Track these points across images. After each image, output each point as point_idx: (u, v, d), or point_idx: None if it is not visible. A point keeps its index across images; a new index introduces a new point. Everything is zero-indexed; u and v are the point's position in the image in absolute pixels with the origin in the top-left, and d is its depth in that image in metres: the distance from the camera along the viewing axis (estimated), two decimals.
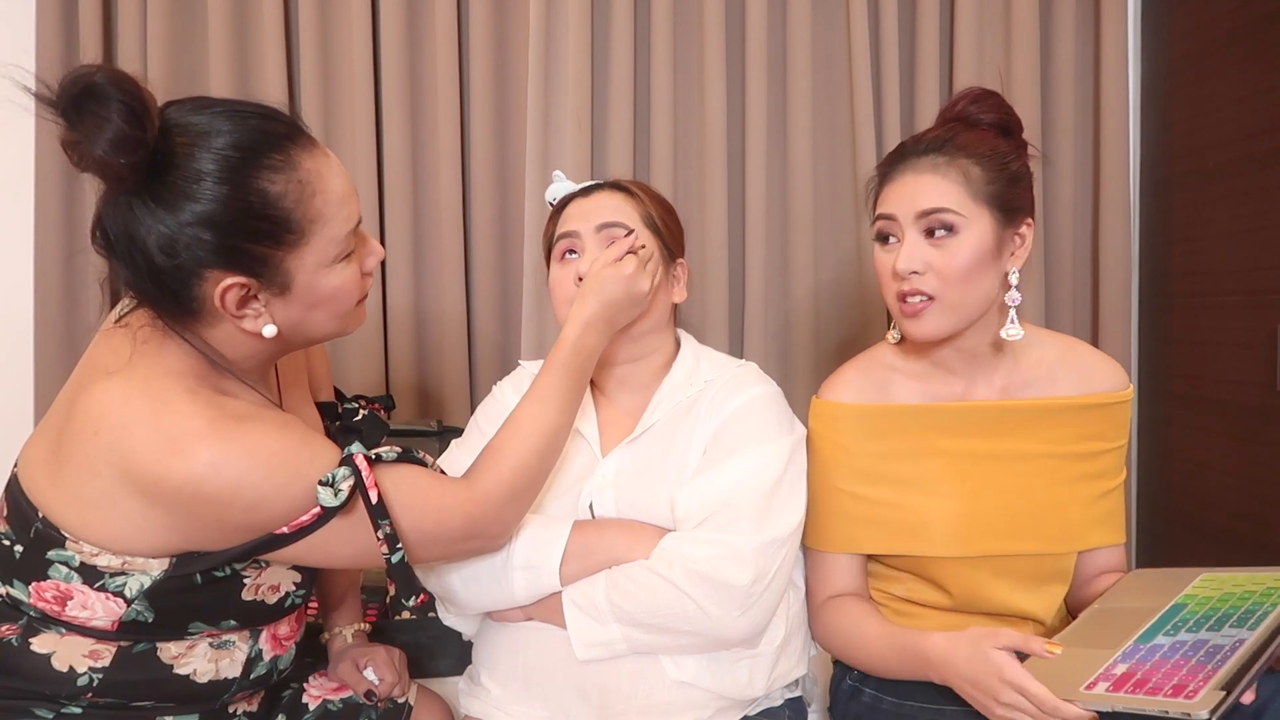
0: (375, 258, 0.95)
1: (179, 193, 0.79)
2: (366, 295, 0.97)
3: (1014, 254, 1.08)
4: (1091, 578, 1.17)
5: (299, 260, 0.85)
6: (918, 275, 1.05)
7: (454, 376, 1.80)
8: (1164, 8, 1.85)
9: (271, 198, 0.82)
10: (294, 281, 0.86)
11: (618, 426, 1.15)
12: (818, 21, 1.83)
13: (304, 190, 0.83)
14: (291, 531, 0.85)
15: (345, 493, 0.85)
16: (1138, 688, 0.85)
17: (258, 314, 0.87)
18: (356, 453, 0.87)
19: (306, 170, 0.84)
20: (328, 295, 0.89)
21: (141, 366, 0.86)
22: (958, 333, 1.09)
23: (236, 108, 0.84)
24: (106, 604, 0.85)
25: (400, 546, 0.89)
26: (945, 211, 1.04)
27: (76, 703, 0.88)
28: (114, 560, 0.85)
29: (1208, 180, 1.71)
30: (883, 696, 1.12)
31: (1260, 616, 0.92)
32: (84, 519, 0.84)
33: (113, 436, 0.81)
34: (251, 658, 0.95)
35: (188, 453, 0.80)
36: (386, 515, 0.87)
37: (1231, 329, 1.65)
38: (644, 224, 1.14)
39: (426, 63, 1.79)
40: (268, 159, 0.82)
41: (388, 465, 0.90)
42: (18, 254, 1.73)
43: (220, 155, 0.80)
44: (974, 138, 1.07)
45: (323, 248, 0.86)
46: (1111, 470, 1.15)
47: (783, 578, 1.04)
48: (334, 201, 0.86)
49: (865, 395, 1.14)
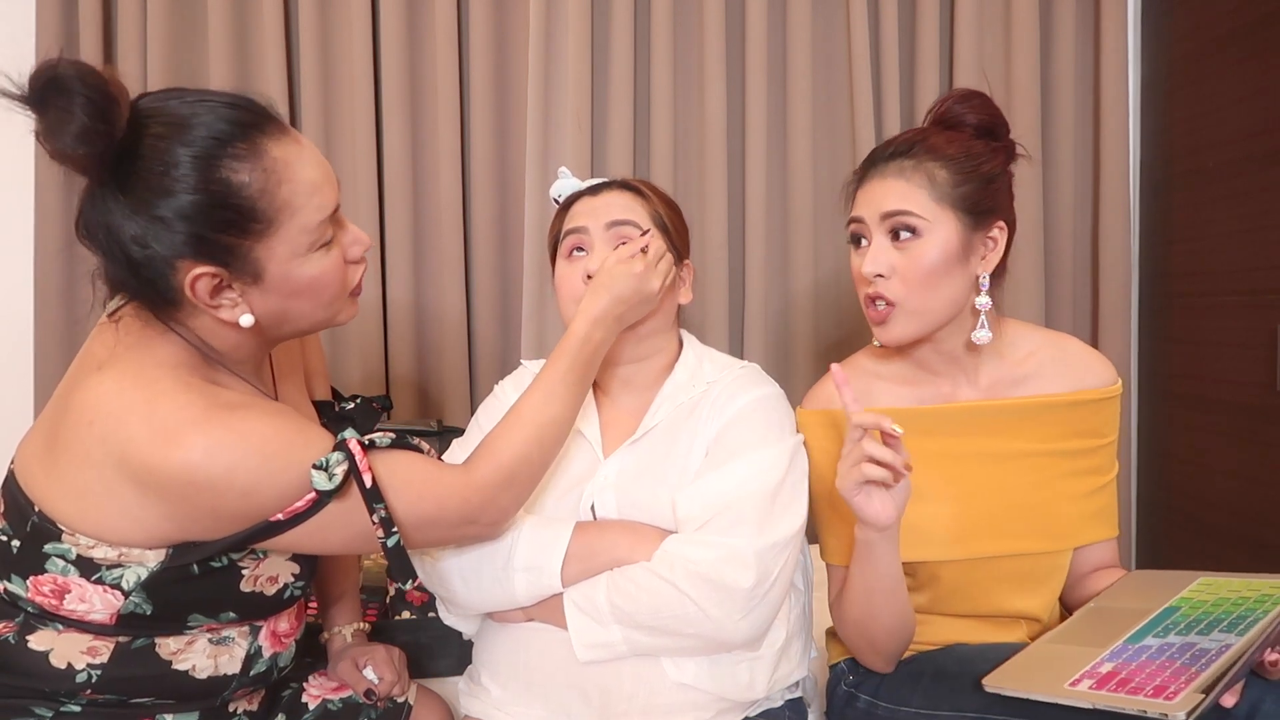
0: (359, 246, 0.94)
1: (146, 184, 0.80)
2: (358, 285, 0.96)
3: (984, 257, 1.08)
4: (1086, 574, 1.17)
5: (269, 249, 0.85)
6: (882, 279, 1.06)
7: (454, 376, 1.80)
8: (1164, 8, 1.85)
9: (236, 187, 0.81)
10: (266, 271, 0.85)
11: (620, 427, 1.15)
12: (818, 21, 1.83)
13: (269, 179, 0.83)
14: (287, 518, 0.85)
15: (339, 477, 0.85)
16: (1120, 686, 0.86)
17: (233, 304, 0.87)
18: (350, 438, 0.87)
19: (273, 159, 0.83)
20: (305, 284, 0.88)
21: (134, 358, 0.86)
22: (927, 336, 1.09)
23: (206, 97, 0.83)
24: (104, 596, 0.86)
25: (396, 530, 0.88)
26: (907, 214, 1.04)
27: (75, 700, 0.88)
28: (110, 552, 0.85)
29: (1208, 180, 1.71)
30: (878, 702, 1.11)
31: (1251, 623, 0.92)
32: (80, 510, 0.84)
33: (108, 427, 0.82)
34: (251, 654, 0.95)
35: (182, 441, 0.80)
36: (381, 499, 0.87)
37: (1231, 329, 1.65)
38: (653, 223, 1.14)
39: (426, 63, 1.79)
40: (233, 148, 0.81)
41: (382, 450, 0.90)
42: (18, 253, 1.73)
43: (185, 145, 0.80)
44: (944, 140, 1.07)
45: (294, 236, 0.85)
46: (1104, 466, 1.15)
47: (785, 580, 1.04)
48: (303, 190, 0.85)
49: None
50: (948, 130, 1.10)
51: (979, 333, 1.08)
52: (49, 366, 1.69)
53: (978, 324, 1.08)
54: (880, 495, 0.97)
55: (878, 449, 0.94)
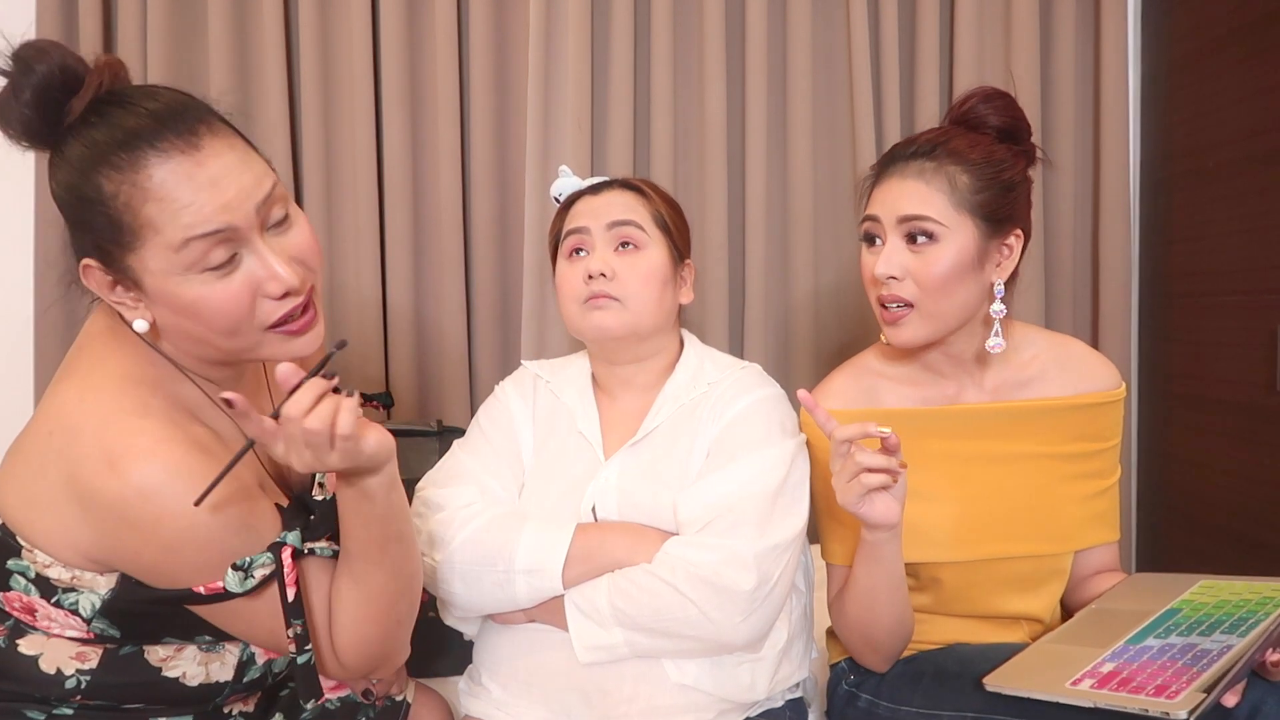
0: (275, 283, 0.84)
1: (55, 170, 0.83)
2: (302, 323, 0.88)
3: (999, 265, 1.07)
4: (1087, 576, 1.17)
5: (140, 261, 0.82)
6: (896, 281, 1.05)
7: (454, 376, 1.80)
8: (1164, 8, 1.85)
9: (105, 196, 0.80)
10: (143, 281, 0.83)
11: (621, 428, 1.15)
12: (818, 21, 1.83)
13: (136, 195, 0.80)
14: (208, 594, 0.82)
15: (256, 581, 0.82)
16: (1122, 686, 0.86)
17: (132, 304, 0.85)
18: (286, 544, 0.84)
19: (148, 176, 0.80)
20: (187, 305, 0.83)
21: (101, 368, 0.85)
22: (939, 340, 1.09)
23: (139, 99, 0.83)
24: (66, 620, 0.85)
25: (309, 647, 0.84)
26: (925, 220, 1.03)
27: (67, 705, 0.87)
28: (64, 573, 0.83)
29: (1208, 180, 1.71)
30: (879, 701, 1.11)
31: (1252, 624, 0.92)
32: (29, 519, 0.83)
33: (64, 440, 0.81)
34: (244, 661, 0.94)
35: (122, 470, 0.79)
36: (301, 614, 0.83)
37: (1231, 329, 1.65)
38: (654, 223, 1.14)
39: (426, 63, 1.79)
40: (115, 157, 0.80)
41: (318, 559, 0.87)
42: (18, 253, 1.73)
43: (84, 143, 0.81)
44: (968, 143, 1.06)
45: (161, 254, 0.81)
46: (1106, 469, 1.15)
47: (786, 582, 1.03)
48: (170, 210, 0.80)
49: (854, 402, 1.13)
50: (970, 132, 1.08)
51: (993, 340, 1.07)
52: (49, 366, 1.69)
53: (991, 332, 1.07)
54: (883, 498, 0.97)
55: (870, 458, 0.94)
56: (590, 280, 1.10)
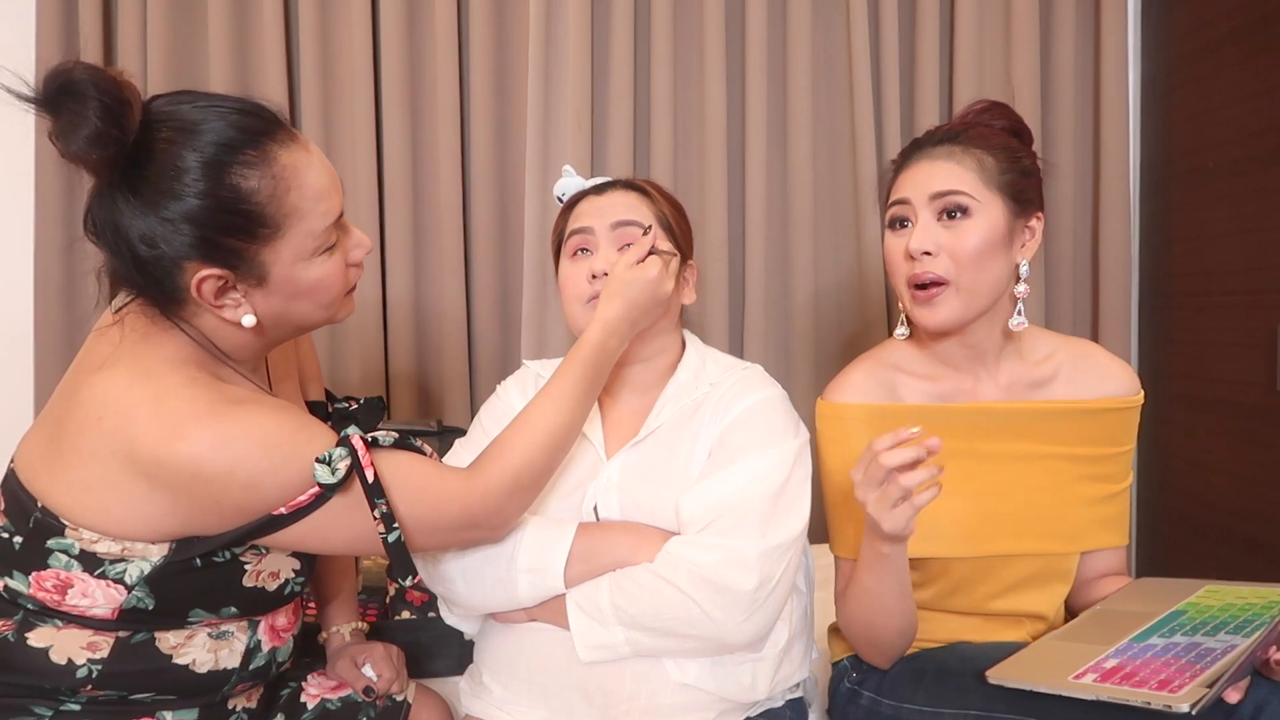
0: (361, 250, 0.96)
1: (157, 187, 0.81)
2: (354, 285, 0.98)
3: (1024, 245, 1.10)
4: (1092, 580, 1.17)
5: (275, 254, 0.86)
6: (930, 256, 1.05)
7: (454, 376, 1.80)
8: (1164, 8, 1.85)
9: (245, 193, 0.83)
10: (270, 274, 0.87)
11: (623, 428, 1.15)
12: (818, 21, 1.83)
13: (278, 186, 0.84)
14: (289, 512, 0.86)
15: (342, 471, 0.86)
16: (1124, 681, 0.86)
17: (236, 304, 0.88)
18: (353, 434, 0.89)
19: (282, 165, 0.85)
20: (308, 287, 0.90)
21: (141, 355, 0.87)
22: (968, 322, 1.09)
23: (217, 102, 0.85)
24: (107, 591, 0.86)
25: (397, 526, 0.90)
26: (959, 194, 1.05)
27: (75, 698, 0.88)
28: (114, 547, 0.86)
29: (1208, 180, 1.71)
30: (881, 699, 1.11)
31: (1257, 625, 0.92)
32: (84, 504, 0.85)
33: (117, 422, 0.83)
34: (250, 648, 0.96)
35: (188, 434, 0.82)
36: (383, 494, 0.88)
37: (1231, 329, 1.65)
38: (657, 223, 1.14)
39: (426, 63, 1.79)
40: (243, 155, 0.83)
41: (384, 450, 0.91)
42: (18, 253, 1.73)
43: (197, 150, 0.81)
44: (988, 132, 1.10)
45: (299, 241, 0.87)
46: (1119, 474, 1.15)
47: (787, 582, 1.03)
48: (310, 196, 0.87)
49: (872, 396, 1.14)
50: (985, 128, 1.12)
51: (1016, 319, 1.09)
52: (49, 366, 1.69)
53: (1015, 310, 1.09)
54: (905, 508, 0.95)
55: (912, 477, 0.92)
56: (594, 280, 1.10)
